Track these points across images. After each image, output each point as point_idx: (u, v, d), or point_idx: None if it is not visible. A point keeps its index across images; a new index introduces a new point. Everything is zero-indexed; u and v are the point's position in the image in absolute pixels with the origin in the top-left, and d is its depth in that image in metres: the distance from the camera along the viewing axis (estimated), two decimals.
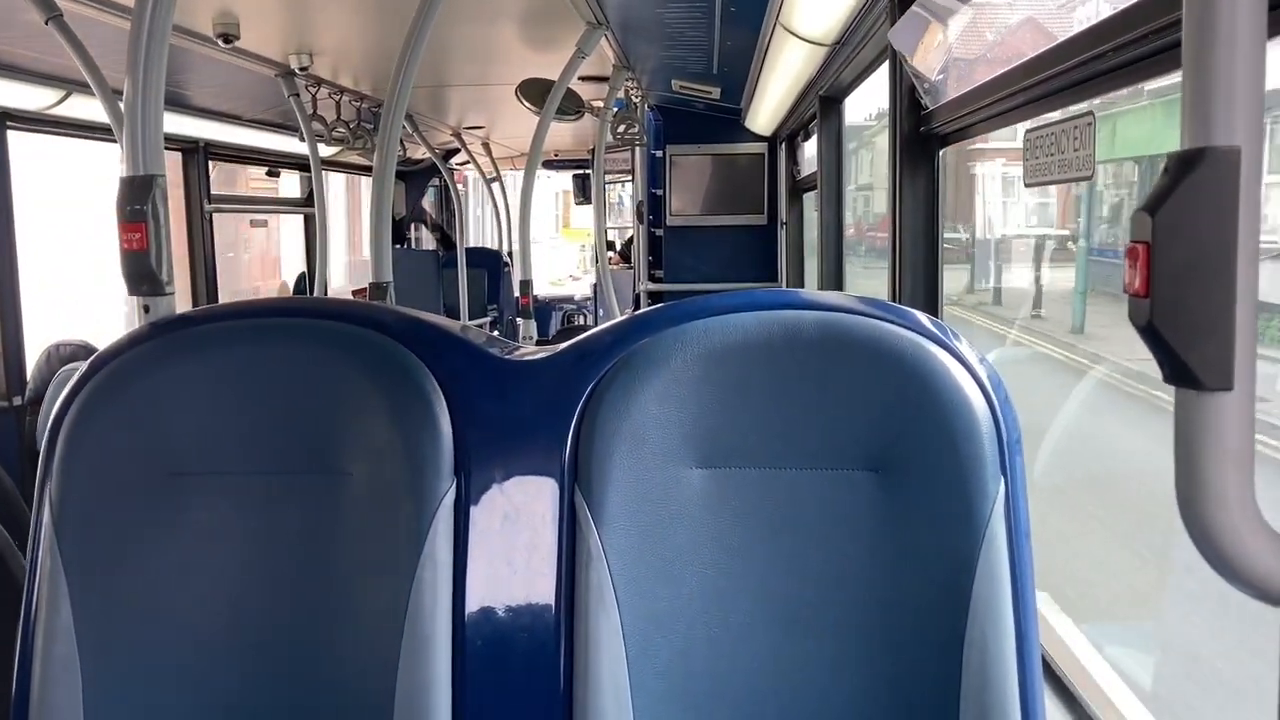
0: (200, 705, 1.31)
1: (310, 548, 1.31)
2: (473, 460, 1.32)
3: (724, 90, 5.29)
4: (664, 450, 1.28)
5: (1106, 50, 1.45)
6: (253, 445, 1.33)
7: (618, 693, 1.24)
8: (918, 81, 2.47)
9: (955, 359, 1.27)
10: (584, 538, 1.27)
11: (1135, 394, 5.11)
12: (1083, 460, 5.05)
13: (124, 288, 1.57)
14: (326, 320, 1.39)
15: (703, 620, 1.27)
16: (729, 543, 1.28)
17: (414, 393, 1.32)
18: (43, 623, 1.29)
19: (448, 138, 7.71)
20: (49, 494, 1.31)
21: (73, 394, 1.35)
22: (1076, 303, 6.48)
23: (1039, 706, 1.23)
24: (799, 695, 1.26)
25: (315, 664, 1.30)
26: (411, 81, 2.57)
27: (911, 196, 2.49)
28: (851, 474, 1.27)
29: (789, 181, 5.81)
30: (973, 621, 1.22)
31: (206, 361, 1.36)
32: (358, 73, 4.99)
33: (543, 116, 4.32)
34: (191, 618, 1.31)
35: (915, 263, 2.50)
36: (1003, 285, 8.35)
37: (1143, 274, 0.78)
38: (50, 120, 4.43)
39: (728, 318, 1.32)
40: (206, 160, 5.61)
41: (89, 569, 1.30)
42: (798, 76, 4.06)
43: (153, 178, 1.56)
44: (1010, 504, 1.24)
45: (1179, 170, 0.76)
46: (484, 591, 1.30)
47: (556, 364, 1.37)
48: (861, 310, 1.32)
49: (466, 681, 1.28)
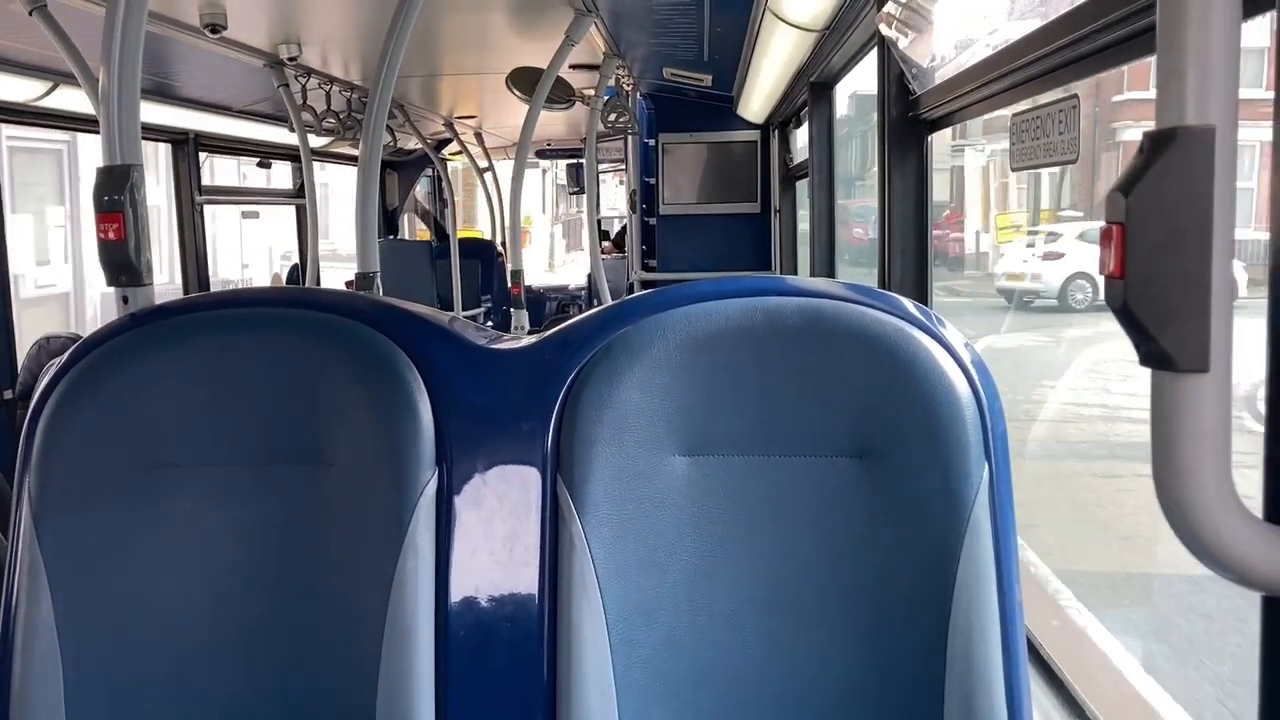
0: (182, 697, 1.30)
1: (292, 539, 1.31)
2: (454, 450, 1.31)
3: (715, 77, 5.27)
4: (647, 438, 1.27)
5: (1090, 32, 1.44)
6: (233, 436, 1.32)
7: (602, 682, 1.24)
8: (905, 67, 2.46)
9: (939, 344, 1.27)
10: (566, 527, 1.26)
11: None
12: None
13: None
14: (306, 310, 1.38)
15: (687, 608, 1.27)
16: (713, 531, 1.27)
17: (395, 382, 1.31)
18: (22, 616, 1.29)
19: (439, 128, 7.68)
20: (28, 486, 1.31)
21: (51, 385, 1.34)
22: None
23: (1024, 690, 1.22)
24: (784, 682, 1.26)
25: (298, 655, 1.30)
26: (397, 70, 2.56)
27: (901, 182, 2.48)
28: (836, 461, 1.27)
29: (782, 169, 5.79)
30: (957, 606, 1.21)
31: (186, 352, 1.35)
32: (347, 62, 4.96)
33: (532, 105, 4.30)
34: (173, 610, 1.31)
35: (905, 249, 2.49)
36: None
37: (1117, 255, 0.77)
38: (39, 112, 4.41)
39: (710, 304, 1.31)
40: (197, 152, 5.59)
41: (69, 561, 1.29)
42: (788, 63, 4.04)
43: (129, 167, 1.54)
44: (994, 489, 1.23)
45: (1153, 150, 0.76)
46: (466, 582, 1.29)
47: (538, 352, 1.36)
48: (845, 296, 1.31)
49: (449, 672, 1.28)
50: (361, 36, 4.37)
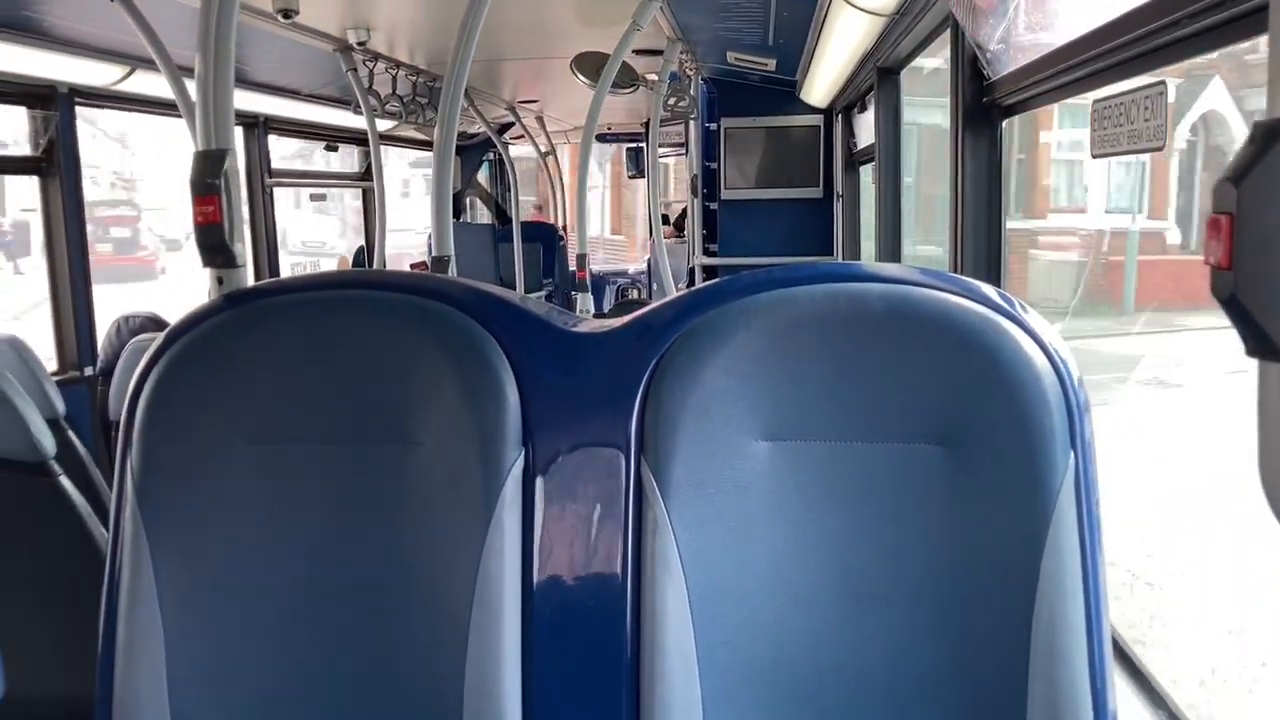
0: (275, 669, 1.34)
1: (382, 516, 1.34)
2: (540, 431, 1.33)
3: (779, 62, 5.24)
4: (730, 422, 1.29)
5: (1182, 16, 1.42)
6: (326, 415, 1.36)
7: (685, 661, 1.26)
8: (979, 51, 2.44)
9: (1025, 331, 1.26)
10: (650, 508, 1.28)
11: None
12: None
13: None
14: (395, 293, 1.41)
15: (768, 591, 1.28)
16: (795, 515, 1.28)
17: (482, 365, 1.34)
18: (125, 587, 1.33)
19: (502, 112, 7.73)
20: (130, 463, 1.35)
21: (150, 365, 1.38)
22: None
23: (1108, 682, 1.22)
24: (864, 669, 1.27)
25: (387, 630, 1.33)
26: (471, 56, 2.59)
27: (974, 167, 2.46)
28: (919, 447, 1.27)
29: (845, 154, 5.75)
30: (1042, 595, 1.21)
31: (280, 333, 1.38)
32: (413, 47, 5.01)
33: (598, 90, 4.32)
34: (267, 583, 1.35)
35: (977, 235, 2.47)
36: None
37: (1225, 246, 0.77)
38: (116, 96, 4.51)
39: (794, 290, 1.32)
40: (266, 135, 5.68)
41: (169, 535, 1.34)
42: (855, 48, 4.01)
43: (224, 152, 1.59)
44: (1080, 477, 1.23)
45: (1265, 140, 0.75)
46: (552, 560, 1.32)
47: (621, 336, 1.38)
48: (928, 283, 1.31)
49: (535, 648, 1.30)
50: (430, 22, 4.42)
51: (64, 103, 4.18)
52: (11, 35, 3.61)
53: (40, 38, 3.73)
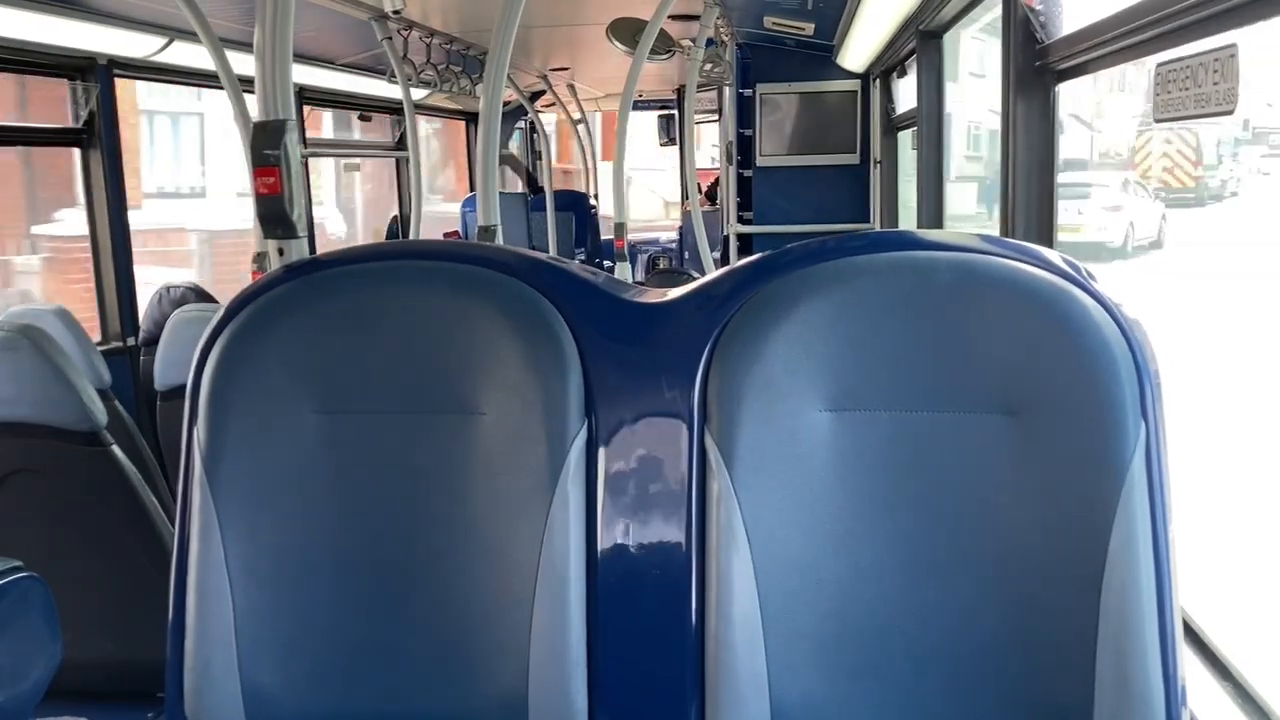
0: (341, 637, 1.36)
1: (447, 485, 1.34)
2: (603, 402, 1.33)
3: (818, 26, 5.18)
4: (794, 393, 1.28)
5: None
6: (390, 384, 1.36)
7: (749, 630, 1.26)
8: (1032, 14, 2.39)
9: (1095, 300, 1.24)
10: (714, 478, 1.28)
11: None
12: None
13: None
14: (456, 263, 1.41)
15: (832, 561, 1.28)
16: (859, 485, 1.28)
17: (546, 335, 1.33)
18: (195, 556, 1.35)
19: (533, 79, 7.69)
20: (197, 434, 1.36)
21: (213, 337, 1.39)
22: None
23: (1176, 653, 1.21)
24: (930, 639, 1.27)
25: (452, 598, 1.34)
26: (516, 21, 2.57)
27: (1025, 132, 2.42)
28: (986, 417, 1.26)
29: (883, 120, 5.68)
30: (1111, 566, 1.20)
31: (342, 303, 1.39)
32: (447, 15, 4.99)
33: (636, 56, 4.28)
34: (334, 551, 1.36)
35: (1029, 201, 2.44)
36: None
37: None
38: (154, 67, 4.52)
39: (855, 259, 1.31)
40: (301, 105, 5.68)
41: (236, 504, 1.35)
42: (896, 11, 3.95)
43: (284, 122, 1.59)
44: (1151, 447, 1.21)
45: None
46: (616, 530, 1.32)
47: (682, 306, 1.37)
48: (994, 251, 1.29)
49: (600, 616, 1.31)
50: None
51: (103, 74, 4.19)
52: (50, 6, 3.62)
53: (78, 8, 3.74)
